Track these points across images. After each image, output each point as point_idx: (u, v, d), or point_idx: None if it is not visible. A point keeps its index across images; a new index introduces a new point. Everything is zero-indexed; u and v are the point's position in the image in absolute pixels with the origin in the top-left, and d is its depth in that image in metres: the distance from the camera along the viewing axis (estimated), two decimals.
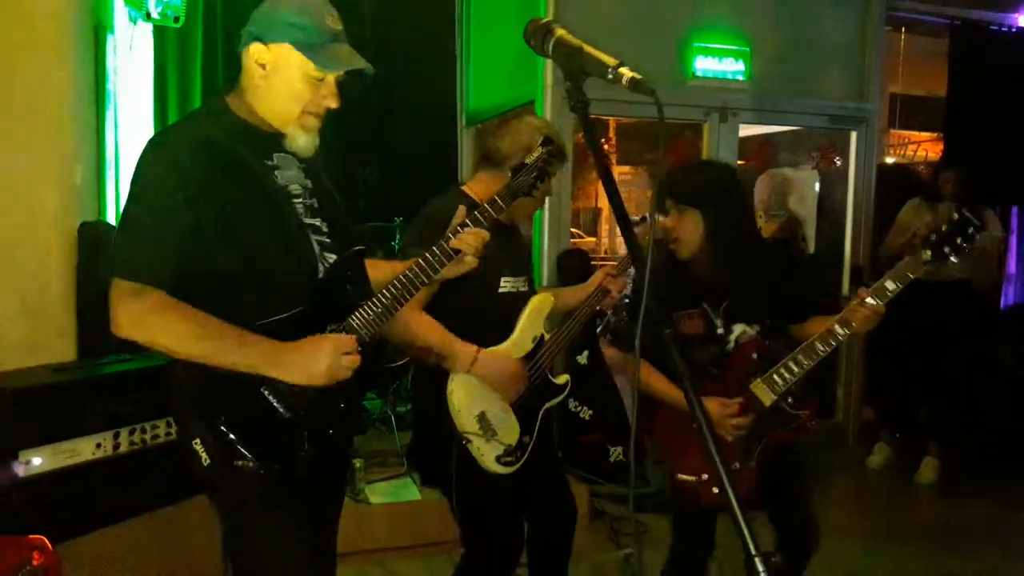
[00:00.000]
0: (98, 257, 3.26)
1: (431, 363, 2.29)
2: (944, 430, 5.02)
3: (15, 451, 2.45)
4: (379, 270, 1.99)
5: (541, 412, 2.49)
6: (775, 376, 2.38)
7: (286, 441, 1.72)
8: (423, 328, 2.25)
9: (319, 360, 1.67)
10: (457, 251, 1.90)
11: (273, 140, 1.80)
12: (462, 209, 1.97)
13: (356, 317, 1.78)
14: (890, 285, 2.28)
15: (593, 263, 5.36)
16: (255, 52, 1.74)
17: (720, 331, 2.47)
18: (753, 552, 1.03)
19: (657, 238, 2.58)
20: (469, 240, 1.91)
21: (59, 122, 3.46)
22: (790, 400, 2.41)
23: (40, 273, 3.31)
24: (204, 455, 1.69)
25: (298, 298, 1.72)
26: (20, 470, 2.45)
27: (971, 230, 2.24)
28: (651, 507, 4.09)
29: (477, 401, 2.30)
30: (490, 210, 1.97)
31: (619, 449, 4.41)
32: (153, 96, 4.49)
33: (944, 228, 2.27)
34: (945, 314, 4.79)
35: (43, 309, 3.26)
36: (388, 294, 1.82)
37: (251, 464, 1.68)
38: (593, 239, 10.46)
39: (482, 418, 2.30)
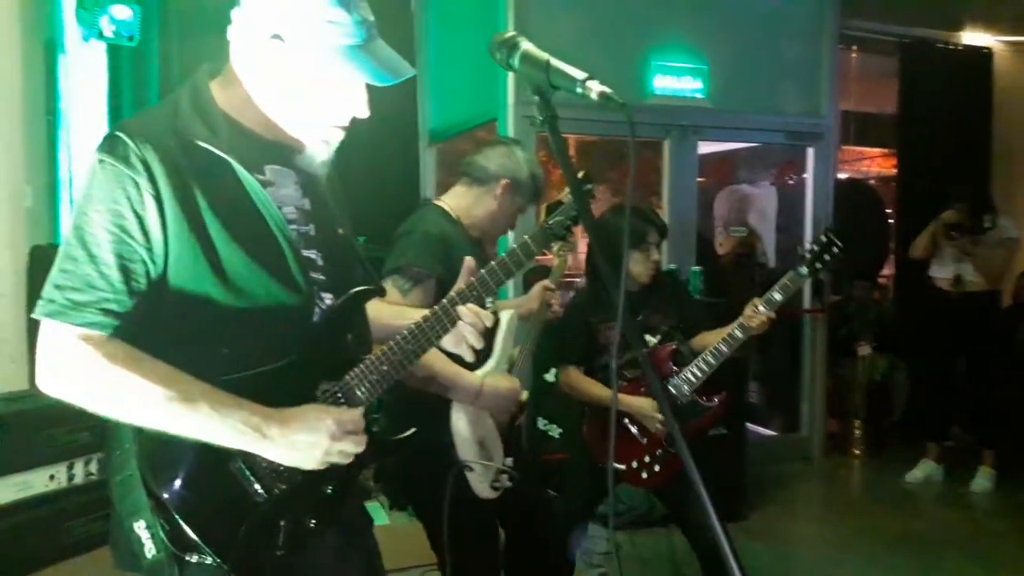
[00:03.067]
0: None
1: (430, 392, 2.19)
2: (996, 437, 5.12)
3: None
4: (379, 317, 1.66)
5: (513, 430, 2.47)
6: (688, 374, 2.80)
7: (255, 533, 1.35)
8: (426, 358, 2.14)
9: (316, 443, 1.33)
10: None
11: (271, 148, 1.43)
12: (469, 261, 1.66)
13: (355, 376, 1.45)
14: (777, 296, 2.71)
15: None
16: (270, 49, 1.34)
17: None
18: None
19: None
20: (478, 325, 1.57)
21: (7, 143, 3.37)
22: (703, 397, 2.85)
23: None
24: (149, 543, 1.32)
25: (287, 347, 1.38)
26: None
27: (835, 250, 2.69)
28: (624, 524, 4.07)
29: (477, 428, 2.27)
30: (521, 255, 1.75)
31: None
32: (108, 116, 4.40)
33: (814, 248, 2.72)
34: (977, 323, 4.99)
35: None
36: (397, 349, 1.49)
37: (209, 561, 1.31)
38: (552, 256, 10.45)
39: (482, 444, 2.27)
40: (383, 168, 5.54)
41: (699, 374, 2.80)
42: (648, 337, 2.92)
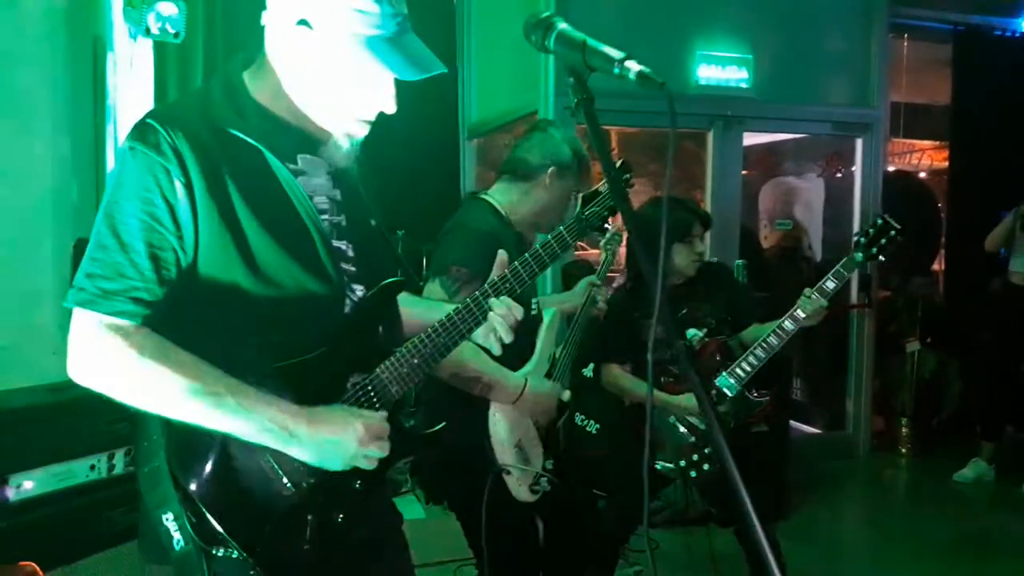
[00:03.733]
0: None
1: (475, 393, 2.16)
2: None
3: (5, 475, 2.38)
4: (412, 309, 1.62)
5: (554, 431, 2.43)
6: (738, 369, 2.73)
7: (282, 527, 1.34)
8: (471, 357, 2.06)
9: (342, 445, 1.31)
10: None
11: (302, 138, 1.40)
12: (502, 255, 1.61)
13: (386, 368, 1.43)
14: (829, 284, 2.66)
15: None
16: (298, 36, 1.31)
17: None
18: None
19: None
20: (508, 318, 1.52)
21: (54, 138, 3.42)
22: (753, 392, 2.77)
23: (34, 289, 3.26)
24: (177, 535, 1.31)
25: (317, 338, 1.36)
26: (11, 494, 2.39)
27: (893, 233, 2.62)
28: (660, 522, 4.02)
29: (516, 430, 2.23)
30: (556, 247, 1.71)
31: None
32: None
33: (870, 231, 2.65)
34: None
35: (36, 326, 3.20)
36: (428, 342, 1.45)
37: (235, 555, 1.30)
38: (597, 250, 10.39)
39: (519, 447, 2.24)
40: (423, 162, 5.54)
41: (748, 368, 2.73)
42: (695, 331, 2.86)
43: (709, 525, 3.29)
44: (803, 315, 2.64)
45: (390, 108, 1.38)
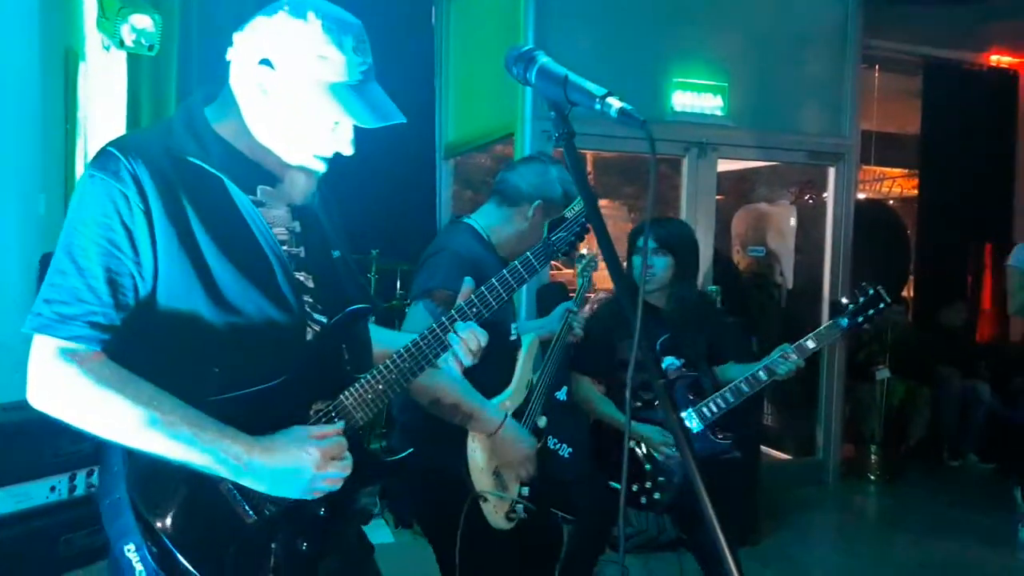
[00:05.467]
0: None
1: (454, 422, 2.14)
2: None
3: None
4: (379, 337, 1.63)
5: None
6: (704, 409, 2.75)
7: (245, 556, 1.32)
8: (451, 385, 2.06)
9: (300, 473, 1.30)
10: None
11: (262, 172, 1.42)
12: (468, 283, 1.63)
13: (350, 395, 1.42)
14: (810, 344, 2.68)
15: (571, 295, 5.29)
16: (260, 76, 1.34)
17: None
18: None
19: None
20: (471, 342, 1.52)
21: (22, 150, 3.36)
22: (715, 431, 2.79)
23: None
24: (139, 566, 1.28)
25: (279, 366, 1.35)
26: None
27: (882, 306, 2.64)
28: (631, 548, 4.00)
29: (493, 458, 2.21)
30: (523, 271, 1.72)
31: None
32: (126, 125, 4.40)
33: (860, 300, 2.65)
34: None
35: (1, 343, 3.13)
36: (393, 368, 1.45)
37: None
38: (572, 271, 10.42)
39: (497, 474, 2.22)
40: (399, 181, 5.52)
41: (715, 409, 2.75)
42: (673, 359, 2.88)
43: (680, 551, 3.28)
44: (778, 372, 2.67)
45: (347, 151, 1.41)
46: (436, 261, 2.27)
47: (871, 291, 2.65)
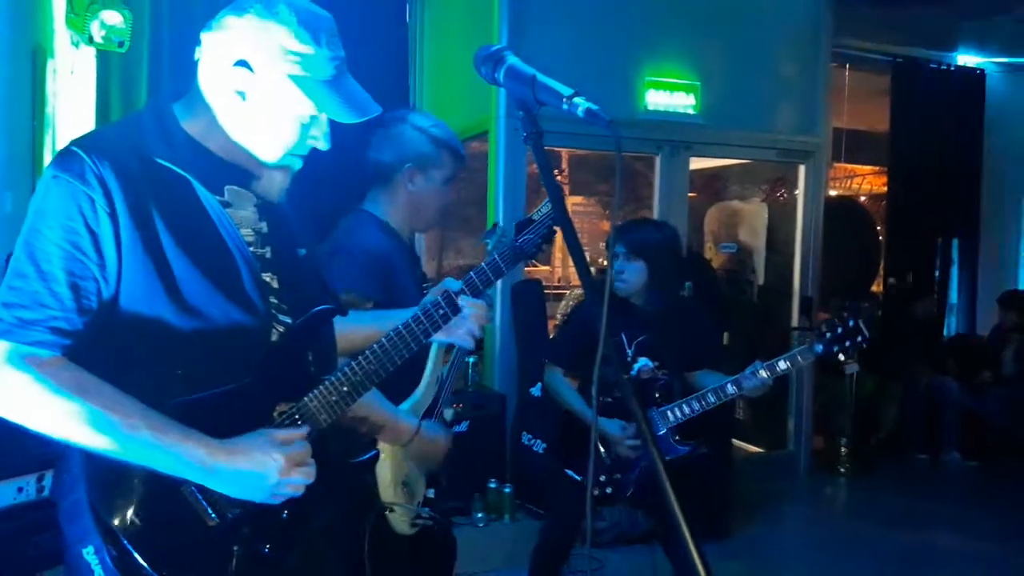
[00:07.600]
0: None
1: (361, 432, 1.95)
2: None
3: None
4: (347, 337, 1.60)
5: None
6: (669, 412, 2.76)
7: (207, 559, 1.30)
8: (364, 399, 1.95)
9: (264, 478, 1.28)
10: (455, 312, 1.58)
11: (232, 170, 1.39)
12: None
13: (314, 397, 1.40)
14: (782, 365, 2.64)
15: (547, 292, 5.32)
16: (237, 78, 1.32)
17: (628, 360, 2.84)
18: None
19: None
20: (480, 317, 1.58)
21: None
22: (676, 437, 2.79)
23: None
24: (97, 570, 1.25)
25: (243, 368, 1.33)
26: None
27: (859, 339, 2.54)
28: (605, 542, 4.03)
29: (400, 470, 2.05)
30: (490, 274, 1.68)
31: None
32: (96, 123, 4.35)
33: (838, 330, 2.55)
34: None
35: None
36: (358, 371, 1.44)
37: None
38: (547, 268, 10.46)
39: (405, 485, 2.08)
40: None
41: (680, 415, 2.76)
42: (647, 360, 2.89)
43: (653, 543, 3.31)
44: (744, 387, 2.67)
45: (323, 146, 1.41)
46: (343, 262, 2.10)
47: (851, 323, 2.55)
